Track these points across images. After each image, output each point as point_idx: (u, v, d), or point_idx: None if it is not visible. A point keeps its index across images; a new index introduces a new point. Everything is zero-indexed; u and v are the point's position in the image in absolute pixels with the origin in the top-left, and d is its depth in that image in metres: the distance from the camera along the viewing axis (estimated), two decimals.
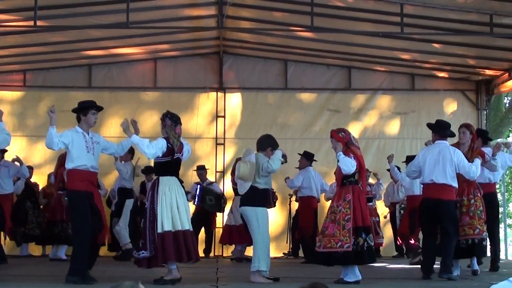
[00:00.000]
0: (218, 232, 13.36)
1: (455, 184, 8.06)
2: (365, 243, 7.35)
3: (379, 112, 14.30)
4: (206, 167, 13.02)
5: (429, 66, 13.93)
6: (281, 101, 14.25)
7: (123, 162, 11.55)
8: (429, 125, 8.61)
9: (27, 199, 12.44)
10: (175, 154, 7.48)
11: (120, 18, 10.84)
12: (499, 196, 22.89)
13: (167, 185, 7.36)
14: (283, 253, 13.28)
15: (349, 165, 7.47)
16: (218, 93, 14.18)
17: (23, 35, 12.07)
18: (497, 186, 10.93)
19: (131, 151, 11.36)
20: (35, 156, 13.17)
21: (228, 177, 13.71)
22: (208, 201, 12.03)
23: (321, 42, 12.88)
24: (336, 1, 11.13)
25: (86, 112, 7.47)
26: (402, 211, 12.71)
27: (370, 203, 12.08)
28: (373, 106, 14.31)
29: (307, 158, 11.95)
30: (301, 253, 12.84)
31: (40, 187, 12.95)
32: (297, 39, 13.02)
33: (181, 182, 7.56)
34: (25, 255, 12.52)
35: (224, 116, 14.06)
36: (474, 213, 8.37)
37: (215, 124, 14.04)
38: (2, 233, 11.50)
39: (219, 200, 12.15)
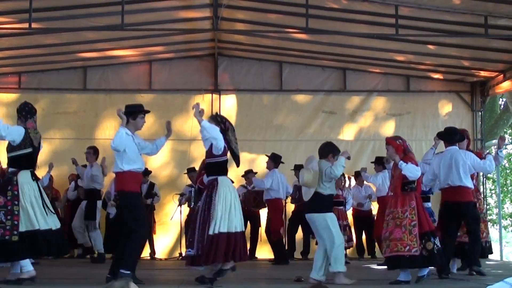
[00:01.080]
0: None
1: (470, 185, 8.42)
2: (435, 246, 7.58)
3: (374, 114, 14.31)
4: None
5: (424, 68, 13.94)
6: (276, 102, 14.25)
7: (92, 165, 11.50)
8: (439, 135, 8.94)
9: None
10: (225, 156, 7.54)
11: (115, 20, 10.82)
12: (494, 197, 22.95)
13: (227, 185, 7.40)
14: None
15: (414, 172, 7.64)
16: (213, 95, 14.16)
17: (18, 37, 12.05)
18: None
19: (96, 153, 11.36)
20: None
21: None
22: None
23: (316, 43, 12.88)
24: (331, 3, 11.13)
25: (135, 115, 7.52)
26: None
27: (341, 207, 12.13)
28: (368, 107, 14.32)
29: (275, 160, 11.80)
30: (296, 255, 12.89)
31: None
32: (292, 41, 13.03)
33: (232, 182, 7.64)
34: None
35: None
36: (483, 218, 9.12)
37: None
38: None
39: None
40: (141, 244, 7.49)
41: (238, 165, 8.01)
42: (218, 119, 7.62)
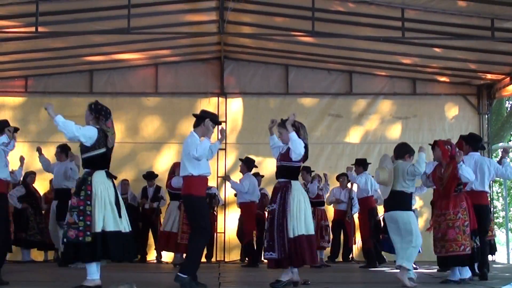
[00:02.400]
0: (220, 236, 13.36)
1: (488, 190, 8.96)
2: (475, 244, 7.95)
3: (381, 117, 14.30)
4: None
5: (430, 71, 13.93)
6: (282, 106, 14.22)
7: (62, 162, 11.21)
8: (463, 137, 9.12)
9: (28, 205, 12.40)
10: (301, 162, 7.80)
11: (121, 23, 10.85)
12: (501, 200, 22.84)
13: (299, 189, 7.59)
14: None
15: (471, 174, 7.98)
16: (219, 98, 14.18)
17: (25, 41, 12.09)
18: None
19: (64, 150, 11.18)
20: (37, 162, 13.11)
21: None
22: None
23: (322, 47, 12.88)
24: (337, 6, 11.13)
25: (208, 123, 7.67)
26: None
27: (322, 207, 12.37)
28: (375, 110, 14.32)
29: (248, 164, 11.83)
30: None
31: (42, 193, 12.93)
32: (298, 44, 13.03)
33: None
34: (28, 260, 12.47)
35: (225, 121, 14.03)
36: (491, 217, 9.39)
37: (217, 129, 13.97)
38: None
39: (211, 200, 12.30)
40: (201, 251, 7.44)
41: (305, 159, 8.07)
42: (291, 123, 7.74)
